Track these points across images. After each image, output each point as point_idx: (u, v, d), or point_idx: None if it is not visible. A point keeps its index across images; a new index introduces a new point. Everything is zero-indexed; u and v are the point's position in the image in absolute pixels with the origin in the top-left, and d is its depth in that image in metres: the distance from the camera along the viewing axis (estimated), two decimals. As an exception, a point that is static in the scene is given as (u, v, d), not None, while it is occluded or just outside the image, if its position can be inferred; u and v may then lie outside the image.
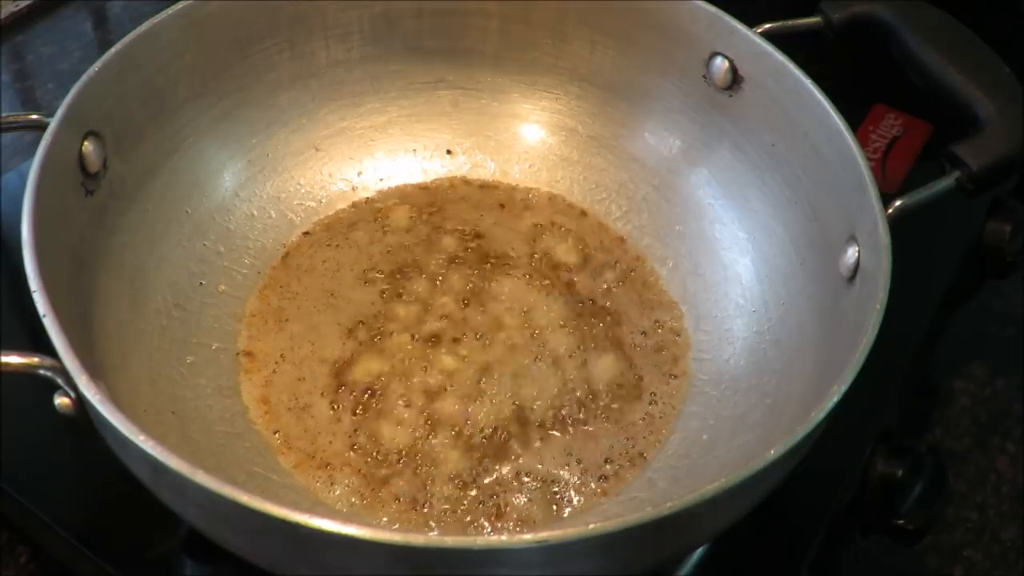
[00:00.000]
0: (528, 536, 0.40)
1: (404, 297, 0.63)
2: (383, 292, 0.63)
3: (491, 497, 0.55)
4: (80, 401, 0.45)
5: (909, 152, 0.75)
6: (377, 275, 0.64)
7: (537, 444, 0.57)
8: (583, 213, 0.68)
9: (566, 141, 0.70)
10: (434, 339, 0.61)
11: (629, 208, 0.68)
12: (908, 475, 0.59)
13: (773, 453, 0.43)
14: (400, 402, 0.58)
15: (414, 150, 0.70)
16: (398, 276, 0.64)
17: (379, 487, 0.55)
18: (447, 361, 0.60)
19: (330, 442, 0.56)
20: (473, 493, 0.55)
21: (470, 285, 0.64)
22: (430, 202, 0.68)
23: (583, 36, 0.68)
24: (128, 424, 0.42)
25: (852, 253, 0.54)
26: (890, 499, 0.59)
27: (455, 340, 0.61)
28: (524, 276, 0.64)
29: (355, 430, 0.57)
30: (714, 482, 0.42)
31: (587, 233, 0.67)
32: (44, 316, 0.45)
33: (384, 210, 0.68)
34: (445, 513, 0.54)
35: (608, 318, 0.63)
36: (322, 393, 0.58)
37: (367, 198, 0.68)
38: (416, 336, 0.61)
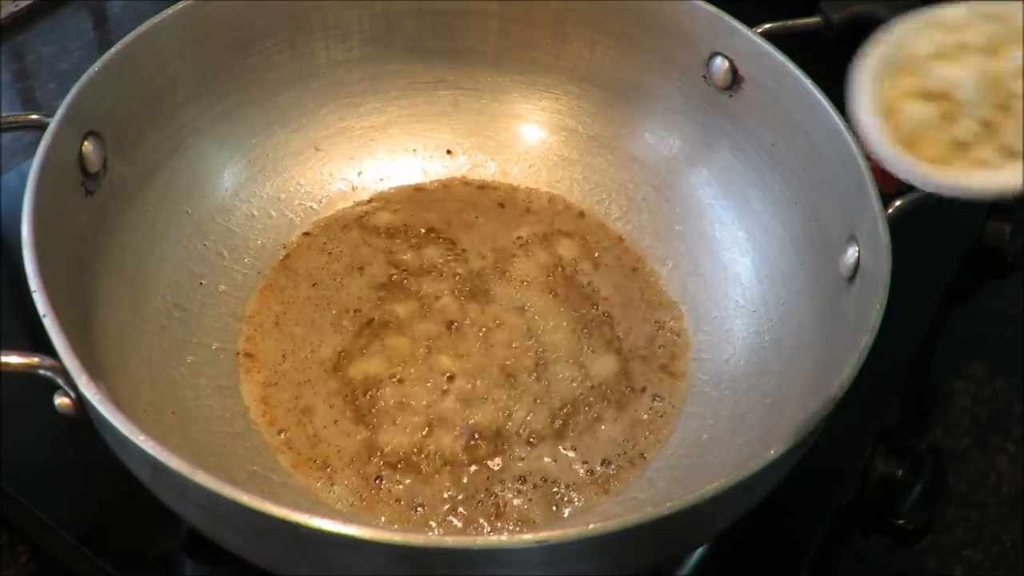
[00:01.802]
0: (528, 536, 0.40)
1: (404, 298, 0.63)
2: (383, 293, 0.63)
3: (491, 497, 0.55)
4: (80, 401, 0.45)
5: (909, 152, 0.75)
6: (377, 275, 0.64)
7: (537, 444, 0.57)
8: (583, 213, 0.68)
9: (566, 141, 0.70)
10: (434, 339, 0.61)
11: (629, 208, 0.68)
12: (908, 475, 0.59)
13: (773, 453, 0.43)
14: (400, 402, 0.58)
15: (414, 150, 0.70)
16: (398, 277, 0.64)
17: (379, 487, 0.55)
18: (447, 362, 0.60)
19: (330, 442, 0.56)
20: (473, 493, 0.55)
21: (469, 286, 0.64)
22: (430, 202, 0.68)
23: (583, 36, 0.68)
24: (128, 424, 0.42)
25: (852, 253, 0.54)
26: (890, 499, 0.59)
27: (455, 340, 0.61)
28: (524, 276, 0.64)
29: (355, 430, 0.57)
30: (714, 482, 0.42)
31: (587, 233, 0.67)
32: (44, 316, 0.45)
33: (384, 210, 0.68)
34: (445, 513, 0.54)
35: (608, 318, 0.63)
36: (322, 394, 0.58)
37: (367, 198, 0.68)
38: (416, 337, 0.61)
